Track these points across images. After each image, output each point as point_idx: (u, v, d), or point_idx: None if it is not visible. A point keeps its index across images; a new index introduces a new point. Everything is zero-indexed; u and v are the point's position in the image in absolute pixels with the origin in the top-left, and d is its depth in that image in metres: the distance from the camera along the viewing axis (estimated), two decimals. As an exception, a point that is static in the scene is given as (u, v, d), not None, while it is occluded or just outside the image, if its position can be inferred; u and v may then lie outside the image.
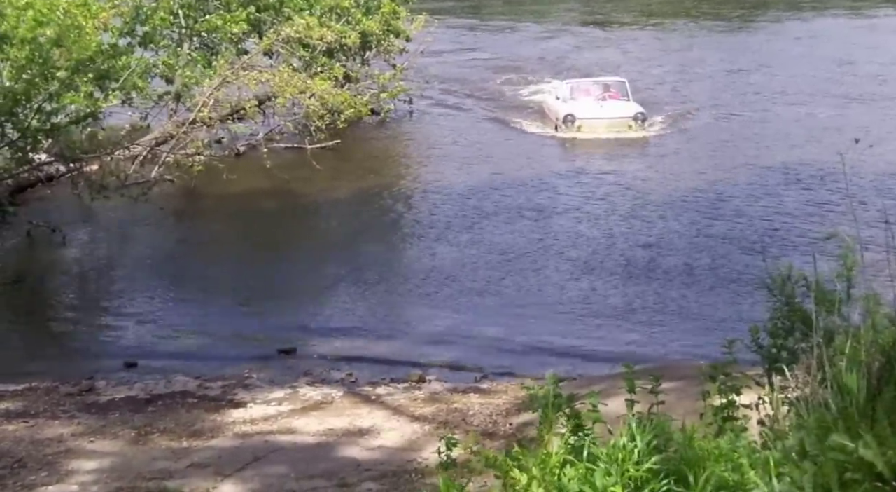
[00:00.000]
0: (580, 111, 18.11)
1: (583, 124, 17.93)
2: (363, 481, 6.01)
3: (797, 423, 3.05)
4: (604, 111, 18.16)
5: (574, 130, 17.93)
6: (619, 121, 18.04)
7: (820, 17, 28.94)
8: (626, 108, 18.27)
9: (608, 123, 17.97)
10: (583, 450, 3.21)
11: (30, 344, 10.47)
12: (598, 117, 18.04)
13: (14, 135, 12.54)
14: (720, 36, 27.57)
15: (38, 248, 13.14)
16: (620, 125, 17.98)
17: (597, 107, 18.31)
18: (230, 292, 11.84)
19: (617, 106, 18.42)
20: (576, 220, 13.77)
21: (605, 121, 17.98)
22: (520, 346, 9.86)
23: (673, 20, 29.57)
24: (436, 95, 20.52)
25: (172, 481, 6.03)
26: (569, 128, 17.95)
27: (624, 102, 18.50)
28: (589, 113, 18.07)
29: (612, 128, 17.95)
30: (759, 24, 29.02)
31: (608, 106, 18.38)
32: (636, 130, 17.91)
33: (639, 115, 17.95)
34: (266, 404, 7.92)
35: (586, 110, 18.15)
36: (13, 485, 6.09)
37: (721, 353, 4.14)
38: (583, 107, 18.31)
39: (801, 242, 11.95)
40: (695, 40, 26.58)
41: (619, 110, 18.25)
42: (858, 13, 29.48)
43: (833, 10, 29.71)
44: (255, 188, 14.99)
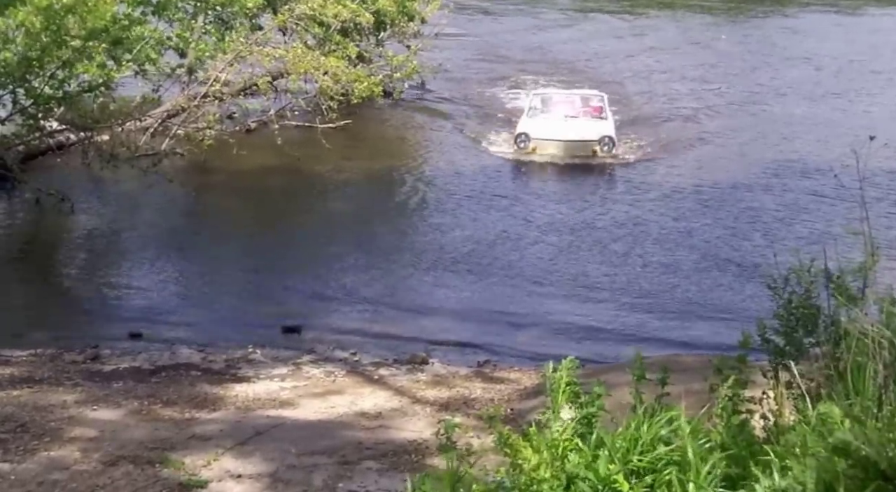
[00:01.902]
0: (536, 130, 15.75)
1: (538, 146, 15.58)
2: (364, 460, 6.05)
3: (801, 418, 3.07)
4: (565, 131, 15.75)
5: (528, 151, 15.63)
6: (580, 144, 15.61)
7: (812, 14, 28.50)
8: (591, 130, 15.81)
9: (567, 146, 15.60)
10: (589, 437, 3.23)
11: (36, 311, 10.51)
12: (556, 139, 15.65)
13: (26, 102, 12.54)
14: (745, 28, 27.33)
15: (46, 216, 13.17)
16: (583, 149, 15.62)
17: (559, 126, 15.88)
18: (237, 268, 11.87)
19: (582, 126, 15.95)
20: (588, 213, 13.78)
21: (564, 143, 15.62)
22: (526, 330, 9.89)
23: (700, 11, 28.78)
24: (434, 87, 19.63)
25: (174, 452, 6.08)
26: (521, 149, 15.66)
27: (592, 122, 16.11)
28: (545, 133, 15.70)
29: (573, 151, 15.62)
30: (758, 18, 28.68)
31: (572, 125, 15.91)
32: (602, 155, 15.58)
33: (606, 139, 15.52)
34: (269, 380, 7.96)
35: (544, 130, 15.77)
36: (15, 449, 6.14)
37: (730, 345, 4.14)
38: (541, 125, 15.94)
39: (813, 238, 11.93)
40: (723, 29, 26.26)
41: (582, 131, 15.77)
42: (861, 12, 29.17)
43: (833, 7, 29.35)
44: (265, 165, 15.00)
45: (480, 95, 19.45)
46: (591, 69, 21.26)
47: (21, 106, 12.64)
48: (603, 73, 20.80)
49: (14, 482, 5.61)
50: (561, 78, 20.04)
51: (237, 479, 5.70)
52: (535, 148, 15.56)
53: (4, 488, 5.53)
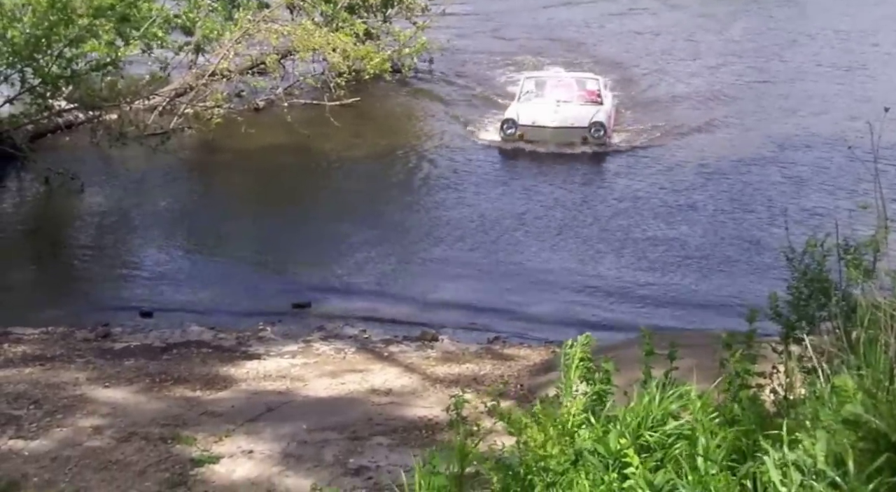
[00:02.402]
0: (524, 116, 15.05)
1: (525, 132, 14.91)
2: (374, 436, 6.08)
3: (812, 392, 3.06)
4: (554, 118, 15.04)
5: (515, 138, 14.96)
6: (569, 131, 14.91)
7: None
8: (581, 116, 15.08)
9: (555, 133, 14.91)
10: (599, 412, 3.23)
11: (47, 290, 10.56)
12: (543, 125, 14.93)
13: (34, 80, 12.54)
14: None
15: (55, 195, 13.20)
16: (572, 136, 14.93)
17: (547, 111, 15.16)
18: (246, 246, 11.90)
19: (572, 112, 15.19)
20: (599, 187, 13.73)
21: (552, 130, 14.92)
22: (535, 307, 9.88)
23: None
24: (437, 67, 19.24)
25: (185, 429, 6.12)
26: (508, 136, 14.99)
27: (584, 108, 15.34)
28: (533, 119, 15.02)
29: (561, 138, 14.93)
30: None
31: (562, 111, 15.17)
32: (593, 142, 14.91)
33: (597, 126, 14.83)
34: (280, 357, 8.00)
35: (532, 115, 15.07)
36: (29, 426, 6.19)
37: (740, 321, 4.13)
38: (528, 111, 15.23)
39: (827, 212, 11.87)
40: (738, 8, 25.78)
41: (571, 118, 15.06)
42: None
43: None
44: (274, 143, 14.98)
45: (484, 75, 19.24)
46: (600, 50, 20.92)
47: (29, 85, 12.65)
48: (611, 54, 20.43)
49: (28, 459, 5.66)
50: (568, 58, 19.74)
51: (249, 455, 5.74)
52: (522, 134, 14.91)
53: (18, 464, 5.58)
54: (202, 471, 5.46)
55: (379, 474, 5.46)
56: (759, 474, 2.67)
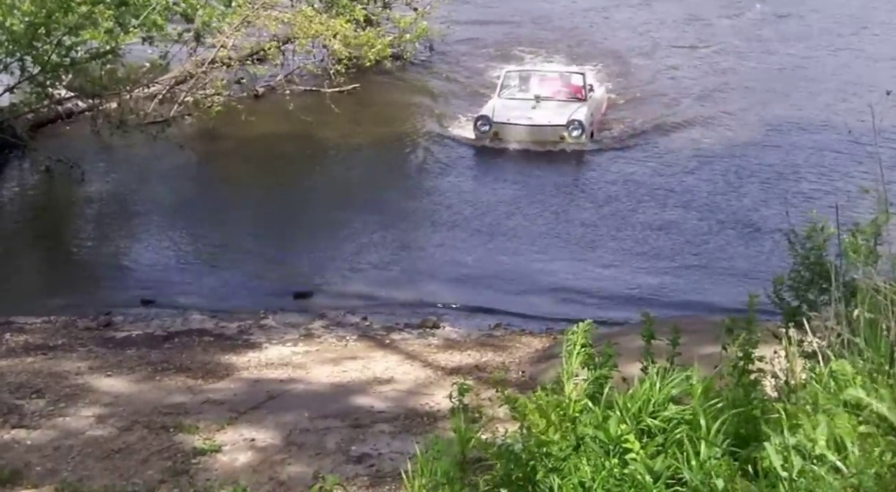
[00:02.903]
0: (499, 113, 14.45)
1: (500, 130, 14.30)
2: (376, 423, 6.09)
3: (813, 376, 3.06)
4: (530, 115, 14.46)
5: (489, 136, 14.35)
6: (546, 129, 14.27)
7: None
8: (559, 113, 14.47)
9: (531, 131, 14.31)
10: (600, 398, 3.23)
11: (48, 279, 10.57)
12: (518, 123, 14.33)
13: (34, 69, 12.51)
14: None
15: (56, 184, 13.19)
16: (548, 134, 14.29)
17: (525, 109, 14.59)
18: (247, 234, 11.89)
19: (550, 110, 14.58)
20: (597, 172, 13.71)
21: (527, 128, 14.32)
22: (536, 294, 9.88)
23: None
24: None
25: (188, 417, 6.13)
26: (482, 133, 14.39)
27: (563, 105, 14.75)
28: (508, 116, 14.41)
29: (537, 136, 14.32)
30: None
31: (540, 109, 14.59)
32: (571, 141, 14.22)
33: (574, 124, 14.18)
34: (281, 345, 8.00)
35: (507, 112, 14.48)
36: (31, 415, 6.21)
37: (741, 305, 4.12)
38: (505, 108, 14.63)
39: (825, 196, 11.85)
40: None
41: (549, 115, 14.43)
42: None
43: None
44: (274, 130, 14.95)
45: (480, 64, 19.03)
46: (602, 40, 20.43)
47: (29, 74, 12.61)
48: (613, 46, 19.90)
49: (30, 448, 5.67)
50: (567, 47, 19.35)
51: (251, 443, 5.75)
52: (497, 133, 14.31)
53: (21, 453, 5.59)
54: (204, 460, 5.47)
55: (381, 462, 5.47)
56: (761, 459, 2.67)
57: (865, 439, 2.60)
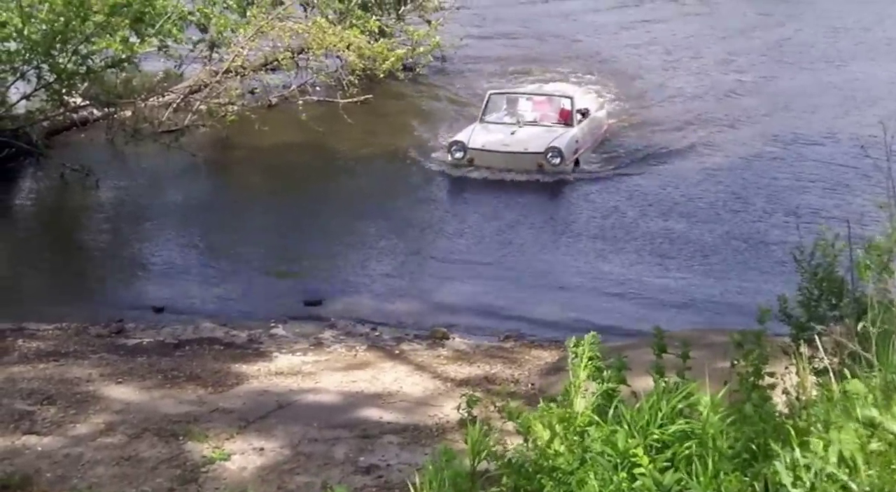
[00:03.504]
0: (475, 139, 13.79)
1: (475, 156, 13.65)
2: (384, 434, 6.09)
3: (824, 393, 3.04)
4: (508, 141, 13.75)
5: (464, 163, 13.70)
6: (523, 157, 13.54)
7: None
8: (539, 141, 13.71)
9: (508, 159, 13.59)
10: (608, 411, 3.22)
11: (61, 285, 10.61)
12: (495, 150, 13.63)
13: (50, 77, 12.61)
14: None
15: (71, 191, 13.28)
16: (526, 162, 13.55)
17: (503, 135, 13.93)
18: (259, 243, 11.91)
19: (529, 136, 13.85)
20: (602, 197, 13.68)
21: (504, 155, 13.61)
22: (546, 306, 9.82)
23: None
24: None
25: (197, 425, 6.14)
26: (456, 160, 13.73)
27: (545, 131, 14.01)
28: (484, 142, 13.73)
29: (514, 164, 13.59)
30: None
31: (519, 135, 13.89)
32: (550, 169, 13.50)
33: (553, 152, 13.44)
34: (291, 355, 8.01)
35: (483, 138, 13.82)
36: (42, 422, 6.23)
37: (750, 322, 4.11)
38: (482, 133, 13.99)
39: (834, 209, 11.81)
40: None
41: (527, 142, 13.70)
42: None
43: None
44: (287, 140, 15.00)
45: (494, 77, 19.06)
46: (611, 59, 20.06)
47: (45, 81, 12.72)
48: (621, 66, 19.61)
49: (41, 454, 5.69)
50: (574, 66, 19.11)
51: (260, 452, 5.76)
52: (472, 159, 13.67)
53: (31, 459, 5.61)
54: (213, 468, 5.48)
55: (389, 473, 5.47)
56: (770, 476, 2.66)
57: (877, 457, 2.59)
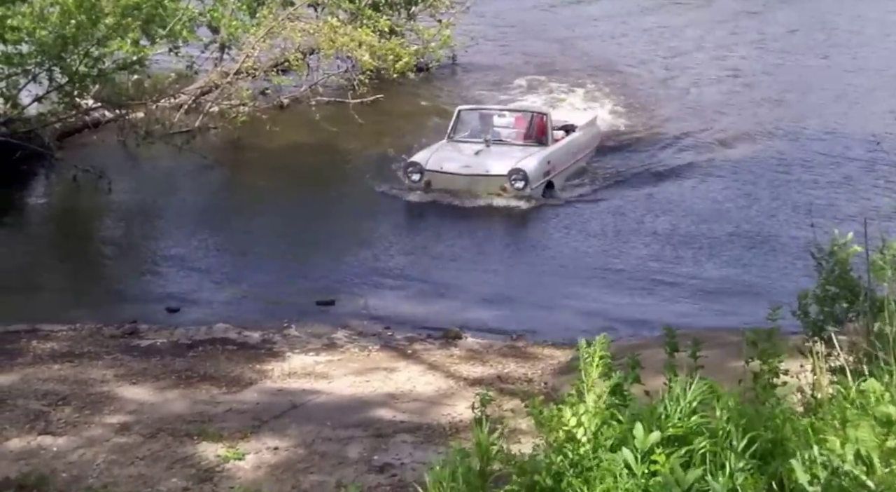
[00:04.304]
0: (433, 160, 12.90)
1: (432, 179, 12.78)
2: (398, 433, 6.10)
3: (840, 391, 3.04)
4: (470, 163, 12.86)
5: (421, 185, 12.84)
6: (484, 180, 12.63)
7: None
8: (502, 162, 12.73)
9: (468, 182, 12.68)
10: (622, 409, 3.23)
11: (75, 287, 10.67)
12: (454, 172, 12.75)
13: (62, 79, 12.67)
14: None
15: (83, 192, 13.34)
16: (488, 185, 12.62)
17: (466, 154, 13.08)
18: (271, 243, 11.94)
19: (495, 156, 12.91)
20: (623, 189, 13.68)
21: (464, 178, 12.71)
22: (559, 307, 9.82)
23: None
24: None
25: (211, 425, 6.16)
26: (413, 183, 12.90)
27: (510, 152, 13.10)
28: (442, 164, 12.86)
29: (476, 188, 12.66)
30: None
31: (484, 155, 12.98)
32: (512, 193, 12.53)
33: (516, 175, 12.49)
34: (304, 355, 8.03)
35: (441, 159, 12.94)
36: (57, 422, 6.26)
37: (764, 320, 4.11)
38: (441, 153, 13.13)
39: (851, 212, 11.76)
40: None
41: (490, 163, 12.78)
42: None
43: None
44: (298, 141, 15.05)
45: (503, 78, 19.09)
46: (623, 69, 19.72)
47: (57, 83, 12.78)
48: (632, 76, 19.25)
49: (56, 454, 5.72)
50: (579, 75, 18.98)
51: (274, 451, 5.78)
52: (429, 182, 12.81)
53: (47, 459, 5.64)
54: (228, 467, 5.50)
55: (403, 472, 5.48)
56: (787, 474, 2.66)
57: (894, 455, 2.59)
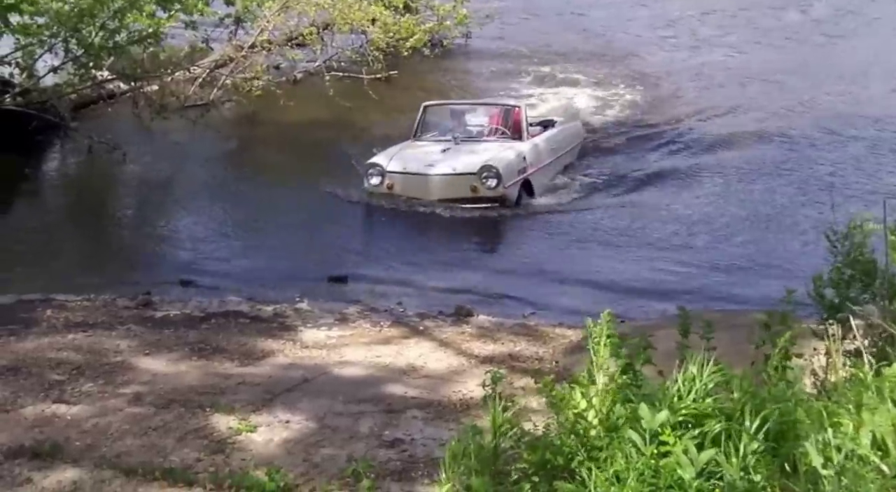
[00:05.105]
0: (394, 161, 11.94)
1: (394, 182, 11.83)
2: (409, 409, 6.12)
3: (856, 375, 3.03)
4: (434, 162, 11.91)
5: (383, 190, 11.87)
6: (452, 180, 11.68)
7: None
8: (472, 159, 11.84)
9: (435, 183, 11.73)
10: (634, 389, 3.23)
11: (89, 258, 10.73)
12: (419, 173, 11.81)
13: (78, 51, 12.68)
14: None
15: (98, 164, 13.38)
16: (457, 186, 11.66)
17: (431, 153, 12.13)
18: (284, 217, 11.96)
19: (461, 155, 12.00)
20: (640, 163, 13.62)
21: (430, 179, 11.76)
22: (571, 285, 9.83)
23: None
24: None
25: (224, 397, 6.19)
26: (373, 187, 11.92)
27: (481, 147, 12.22)
28: (405, 165, 11.91)
29: (443, 189, 11.71)
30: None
31: (452, 153, 12.03)
32: (487, 193, 11.60)
33: (488, 172, 11.57)
34: (316, 329, 8.05)
35: (404, 160, 11.99)
36: (71, 391, 6.30)
37: (779, 302, 4.10)
38: (403, 154, 12.18)
39: (871, 194, 11.70)
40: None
41: (458, 162, 11.87)
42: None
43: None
44: (312, 116, 15.03)
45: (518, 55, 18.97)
46: (639, 60, 19.14)
47: (73, 55, 12.79)
48: (648, 68, 18.68)
49: (70, 423, 5.76)
50: (593, 64, 18.73)
51: (286, 424, 5.80)
52: (392, 185, 11.82)
53: (61, 427, 5.68)
54: (240, 439, 5.53)
55: (414, 447, 5.49)
56: (800, 457, 2.66)
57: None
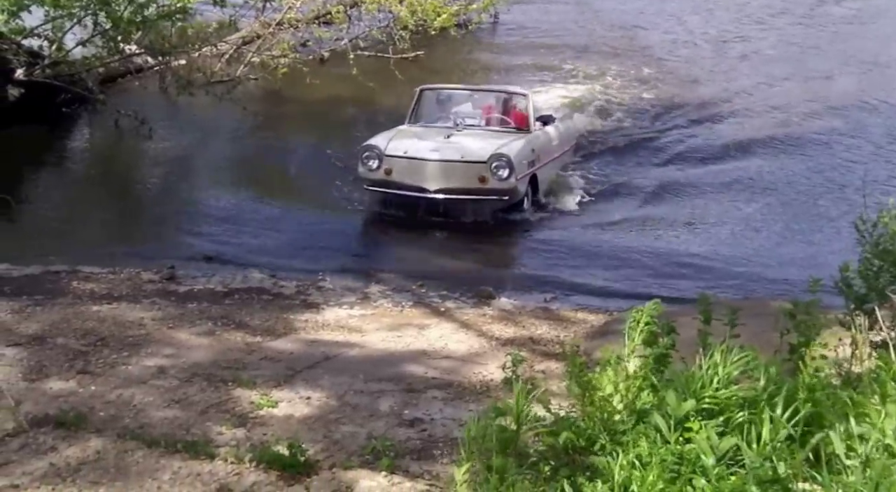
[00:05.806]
0: (393, 145, 11.07)
1: (392, 167, 10.93)
2: (429, 389, 6.15)
3: (882, 365, 3.01)
4: (438, 148, 10.99)
5: (380, 175, 11.00)
6: (459, 167, 10.87)
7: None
8: (480, 147, 10.98)
9: (438, 169, 10.84)
10: (661, 375, 3.23)
11: (114, 231, 10.81)
12: (422, 158, 10.89)
13: (107, 24, 12.73)
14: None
15: (125, 138, 13.45)
16: (464, 175, 10.86)
17: (435, 139, 11.18)
18: (308, 195, 12.00)
19: (468, 141, 11.15)
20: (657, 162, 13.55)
21: (433, 165, 10.84)
22: (593, 270, 9.81)
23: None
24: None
25: (245, 372, 6.25)
26: (370, 170, 11.06)
27: (490, 136, 11.38)
28: (405, 149, 11.01)
29: (447, 177, 10.84)
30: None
31: (455, 140, 11.13)
32: (494, 184, 10.78)
33: (499, 161, 10.73)
34: (338, 308, 8.10)
35: (404, 144, 11.10)
36: (96, 362, 6.38)
37: (804, 292, 4.08)
38: (403, 137, 11.31)
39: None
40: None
41: (465, 149, 10.99)
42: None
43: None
44: (337, 94, 15.03)
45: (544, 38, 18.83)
46: (669, 60, 18.71)
47: (101, 28, 12.84)
48: (677, 67, 18.16)
49: (94, 394, 5.83)
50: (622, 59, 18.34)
51: (306, 401, 5.85)
52: (390, 170, 10.95)
53: (85, 398, 5.75)
54: (261, 414, 5.58)
55: (433, 427, 5.52)
56: (824, 446, 2.65)
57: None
